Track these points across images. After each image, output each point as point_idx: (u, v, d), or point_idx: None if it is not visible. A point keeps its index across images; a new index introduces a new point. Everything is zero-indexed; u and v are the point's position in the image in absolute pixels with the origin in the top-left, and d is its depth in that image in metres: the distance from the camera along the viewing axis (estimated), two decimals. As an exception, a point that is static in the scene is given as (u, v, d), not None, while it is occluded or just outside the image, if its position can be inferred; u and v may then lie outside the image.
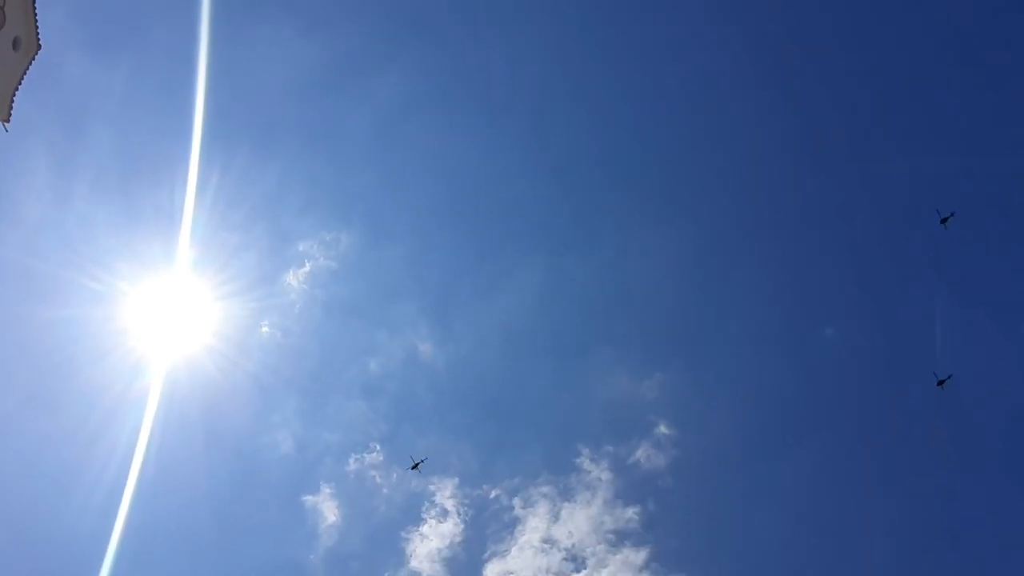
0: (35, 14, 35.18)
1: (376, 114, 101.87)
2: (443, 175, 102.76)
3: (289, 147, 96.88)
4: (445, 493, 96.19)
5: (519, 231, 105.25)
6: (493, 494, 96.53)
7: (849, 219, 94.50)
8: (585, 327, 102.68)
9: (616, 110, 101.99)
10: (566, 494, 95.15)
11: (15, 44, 34.68)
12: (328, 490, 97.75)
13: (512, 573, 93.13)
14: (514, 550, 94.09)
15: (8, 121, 34.88)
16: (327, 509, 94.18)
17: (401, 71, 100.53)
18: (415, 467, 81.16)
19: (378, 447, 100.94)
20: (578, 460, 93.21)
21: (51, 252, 76.04)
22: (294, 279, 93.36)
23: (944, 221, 57.43)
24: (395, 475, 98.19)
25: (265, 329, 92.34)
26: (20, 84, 35.86)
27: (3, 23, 32.58)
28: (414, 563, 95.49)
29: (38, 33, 36.17)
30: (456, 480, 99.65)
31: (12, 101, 35.33)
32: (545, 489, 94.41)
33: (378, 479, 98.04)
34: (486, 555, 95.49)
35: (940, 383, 60.92)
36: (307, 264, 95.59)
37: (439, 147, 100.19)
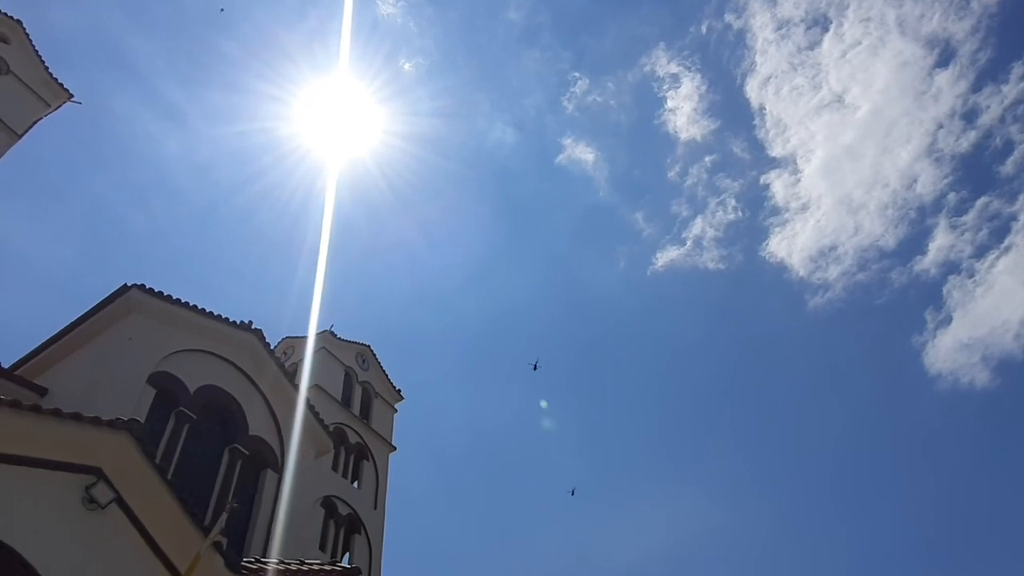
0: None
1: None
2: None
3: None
4: (660, 61, 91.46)
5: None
6: (703, 28, 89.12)
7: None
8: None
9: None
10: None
11: None
12: (578, 141, 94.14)
13: (771, 76, 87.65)
14: (759, 59, 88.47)
15: None
16: (582, 155, 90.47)
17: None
18: None
19: (577, 74, 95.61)
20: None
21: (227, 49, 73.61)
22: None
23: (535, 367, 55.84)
24: (610, 86, 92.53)
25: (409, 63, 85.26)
26: None
27: None
28: (684, 136, 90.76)
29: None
30: (660, 44, 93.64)
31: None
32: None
33: (599, 99, 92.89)
34: (737, 81, 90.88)
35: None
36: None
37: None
